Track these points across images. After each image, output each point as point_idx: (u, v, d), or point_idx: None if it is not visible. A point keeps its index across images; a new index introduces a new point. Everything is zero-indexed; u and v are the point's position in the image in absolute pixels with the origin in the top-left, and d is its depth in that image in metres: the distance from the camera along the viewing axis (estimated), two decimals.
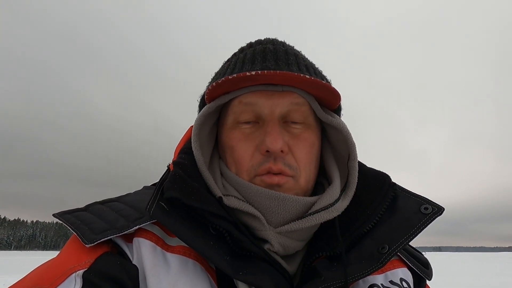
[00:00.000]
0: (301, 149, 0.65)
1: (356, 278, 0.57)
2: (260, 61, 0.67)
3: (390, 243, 0.59)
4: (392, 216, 0.64)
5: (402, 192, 0.68)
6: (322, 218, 0.62)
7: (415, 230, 0.60)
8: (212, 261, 0.54)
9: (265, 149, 0.62)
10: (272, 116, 0.64)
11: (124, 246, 0.59)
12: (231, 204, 0.62)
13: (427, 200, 0.65)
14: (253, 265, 0.57)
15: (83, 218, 0.61)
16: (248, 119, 0.66)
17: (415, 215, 0.62)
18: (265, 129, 0.63)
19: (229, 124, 0.68)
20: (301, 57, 0.72)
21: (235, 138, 0.66)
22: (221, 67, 0.77)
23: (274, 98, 0.64)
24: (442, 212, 0.62)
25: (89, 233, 0.57)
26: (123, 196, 0.71)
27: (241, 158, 0.65)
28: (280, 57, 0.68)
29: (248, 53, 0.71)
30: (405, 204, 0.65)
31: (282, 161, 0.63)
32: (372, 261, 0.58)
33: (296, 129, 0.66)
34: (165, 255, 0.58)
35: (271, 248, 0.61)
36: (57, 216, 0.63)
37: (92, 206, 0.66)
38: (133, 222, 0.59)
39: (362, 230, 0.63)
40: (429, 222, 0.61)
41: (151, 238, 0.59)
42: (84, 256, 0.54)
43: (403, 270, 0.68)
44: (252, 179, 0.64)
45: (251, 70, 0.63)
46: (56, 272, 0.53)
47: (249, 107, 0.65)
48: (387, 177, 0.68)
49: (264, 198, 0.61)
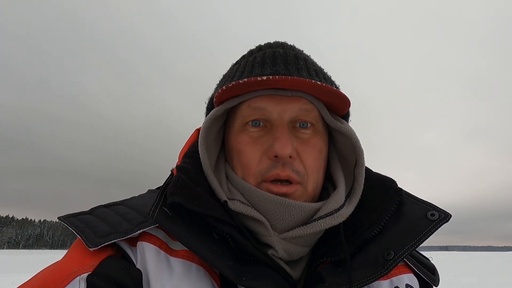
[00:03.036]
0: (309, 155, 0.65)
1: (360, 284, 0.56)
2: (270, 65, 0.67)
3: (395, 249, 0.58)
4: (398, 222, 0.63)
5: (408, 198, 0.67)
6: (327, 224, 0.61)
7: (421, 236, 0.59)
8: (215, 266, 0.54)
9: (273, 154, 0.61)
10: (281, 121, 0.64)
11: (128, 250, 0.59)
12: (236, 209, 0.61)
13: (433, 206, 0.64)
14: (257, 270, 0.57)
15: (88, 221, 0.62)
16: (256, 122, 0.66)
17: (422, 221, 0.61)
18: (274, 134, 0.63)
19: (237, 128, 0.67)
20: (310, 62, 0.72)
21: (243, 141, 0.66)
22: (229, 70, 0.76)
23: (283, 103, 0.64)
24: (449, 219, 0.61)
25: (93, 237, 0.57)
26: (128, 199, 0.71)
27: (248, 162, 0.64)
28: (290, 61, 0.68)
29: (258, 56, 0.71)
30: (411, 210, 0.65)
31: (290, 167, 0.62)
32: (377, 267, 0.57)
33: (304, 134, 0.66)
34: (169, 259, 0.58)
35: (275, 253, 0.61)
36: (62, 219, 0.63)
37: (96, 210, 0.66)
38: (137, 226, 0.60)
39: (367, 236, 0.62)
40: (436, 229, 0.60)
41: (155, 242, 0.60)
42: (88, 260, 0.55)
43: (409, 276, 0.67)
44: (259, 184, 0.63)
45: (261, 74, 0.63)
46: (60, 275, 0.53)
47: (258, 111, 0.65)
48: (393, 182, 0.68)
49: (270, 203, 0.61)
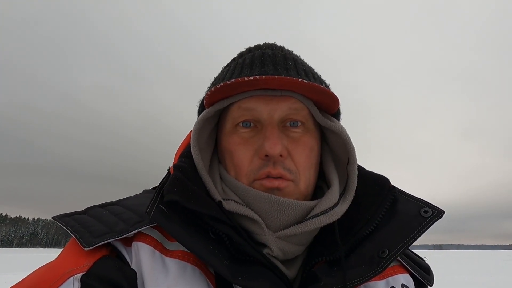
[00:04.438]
0: (300, 153, 0.65)
1: (355, 283, 0.57)
2: (258, 66, 0.68)
3: (390, 247, 0.59)
4: (392, 219, 0.64)
5: (402, 195, 0.68)
6: (322, 222, 0.61)
7: (415, 233, 0.60)
8: (211, 266, 0.54)
9: (264, 153, 0.62)
10: (271, 120, 0.64)
11: (123, 250, 0.59)
12: (230, 208, 0.62)
13: (427, 203, 0.65)
14: (253, 270, 0.57)
15: (83, 221, 0.61)
16: (247, 123, 0.66)
17: (415, 219, 0.62)
18: (264, 134, 0.63)
19: (228, 129, 0.68)
20: (299, 62, 0.72)
21: (234, 142, 0.66)
22: (220, 72, 0.77)
23: (273, 103, 0.65)
24: (442, 216, 0.62)
25: (88, 236, 0.57)
26: (123, 199, 0.71)
27: (240, 162, 0.65)
28: (279, 62, 0.68)
29: (247, 58, 0.71)
30: (405, 207, 0.65)
31: (281, 166, 0.63)
32: (372, 266, 0.58)
33: (295, 133, 0.66)
34: (164, 260, 0.58)
35: (271, 252, 0.61)
36: (56, 219, 0.63)
37: (91, 209, 0.66)
38: (133, 226, 0.60)
39: (362, 234, 0.63)
40: (429, 226, 0.61)
41: (150, 242, 0.59)
42: (83, 260, 0.54)
43: (404, 276, 0.68)
44: (251, 183, 0.64)
45: (249, 75, 0.63)
46: (54, 275, 0.53)
47: (248, 112, 0.65)
48: (386, 180, 0.68)
49: (264, 202, 0.61)
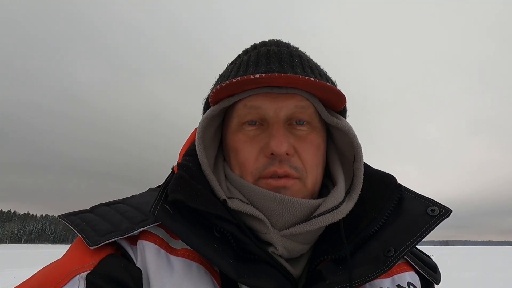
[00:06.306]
0: (307, 151, 0.65)
1: (361, 282, 0.56)
2: (264, 63, 0.67)
3: (396, 246, 0.58)
4: (398, 218, 0.63)
5: (408, 194, 0.67)
6: (327, 221, 0.61)
7: (422, 232, 0.59)
8: (216, 264, 0.54)
9: (270, 152, 0.61)
10: (277, 118, 0.64)
11: (128, 249, 0.59)
12: (235, 207, 0.61)
13: (434, 202, 0.64)
14: (258, 269, 0.57)
15: (88, 219, 0.62)
16: (252, 122, 0.66)
17: (422, 217, 0.61)
18: (270, 132, 0.63)
19: (234, 127, 0.67)
20: (305, 59, 0.72)
21: (240, 140, 0.66)
22: (225, 70, 0.76)
23: (279, 100, 0.64)
24: (449, 215, 0.61)
25: (93, 235, 0.57)
26: (128, 197, 0.71)
27: (245, 160, 0.64)
28: (285, 59, 0.68)
29: (252, 55, 0.71)
30: (411, 206, 0.64)
31: (287, 164, 0.62)
32: (378, 264, 0.57)
33: (301, 131, 0.66)
34: (169, 258, 0.58)
35: (276, 251, 0.61)
36: (62, 217, 0.63)
37: (97, 208, 0.66)
38: (138, 224, 0.60)
39: (368, 233, 0.62)
40: (436, 225, 0.60)
41: (155, 240, 0.59)
42: (88, 258, 0.55)
43: (410, 274, 0.67)
44: (256, 181, 0.63)
45: (255, 73, 0.63)
46: (60, 273, 0.53)
47: (254, 110, 0.65)
48: (392, 179, 0.68)
49: (269, 200, 0.61)
